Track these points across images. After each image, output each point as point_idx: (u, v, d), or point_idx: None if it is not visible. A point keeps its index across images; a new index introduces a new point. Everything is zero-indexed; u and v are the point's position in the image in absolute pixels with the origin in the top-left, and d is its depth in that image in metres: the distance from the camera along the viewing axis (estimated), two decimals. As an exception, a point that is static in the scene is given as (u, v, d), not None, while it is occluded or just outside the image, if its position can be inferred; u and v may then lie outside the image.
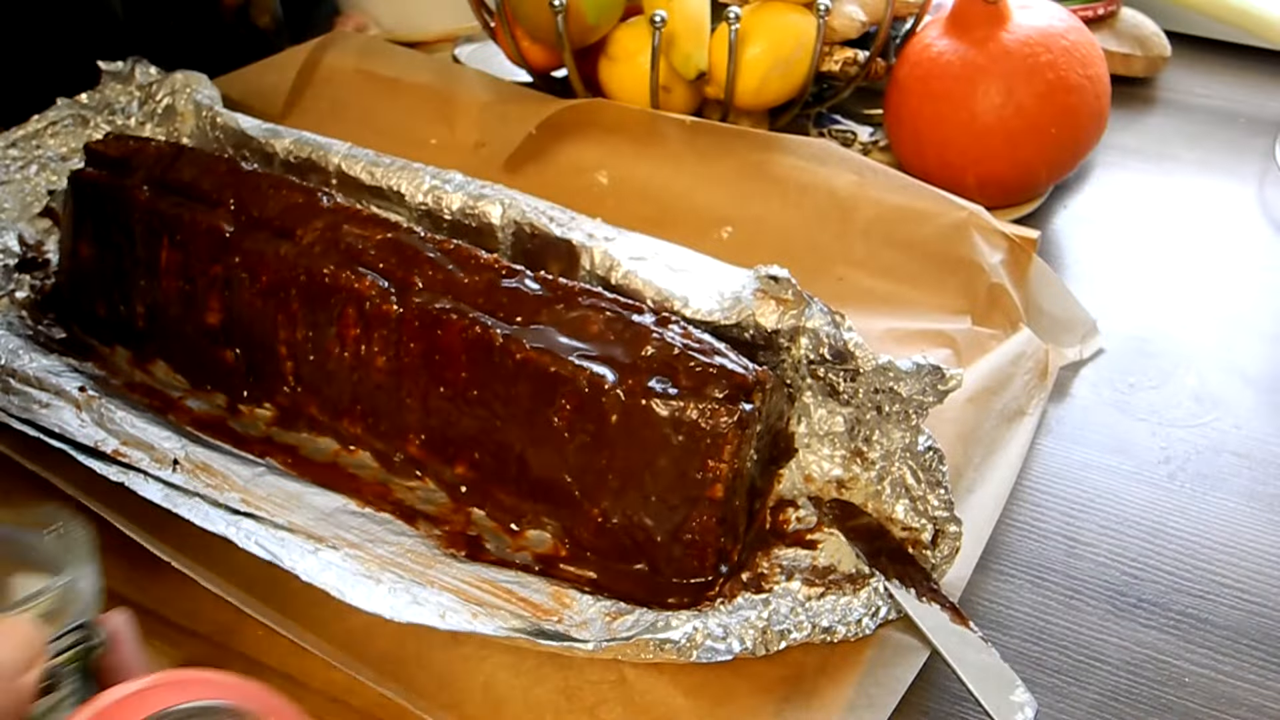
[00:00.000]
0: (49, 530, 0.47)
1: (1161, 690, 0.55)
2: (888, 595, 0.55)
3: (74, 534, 0.47)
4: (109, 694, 0.37)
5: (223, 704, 0.38)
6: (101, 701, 0.37)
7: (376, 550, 0.58)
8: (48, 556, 0.47)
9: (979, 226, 0.75)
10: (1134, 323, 0.78)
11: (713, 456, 0.55)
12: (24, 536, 0.47)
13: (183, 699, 0.38)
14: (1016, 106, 0.81)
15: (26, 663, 0.37)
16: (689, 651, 0.53)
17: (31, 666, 0.37)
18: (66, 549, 0.46)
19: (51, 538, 0.47)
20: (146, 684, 0.38)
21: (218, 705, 0.38)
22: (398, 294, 0.61)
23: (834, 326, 0.59)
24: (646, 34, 0.83)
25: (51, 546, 0.47)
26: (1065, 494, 0.66)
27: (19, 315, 0.73)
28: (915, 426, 0.58)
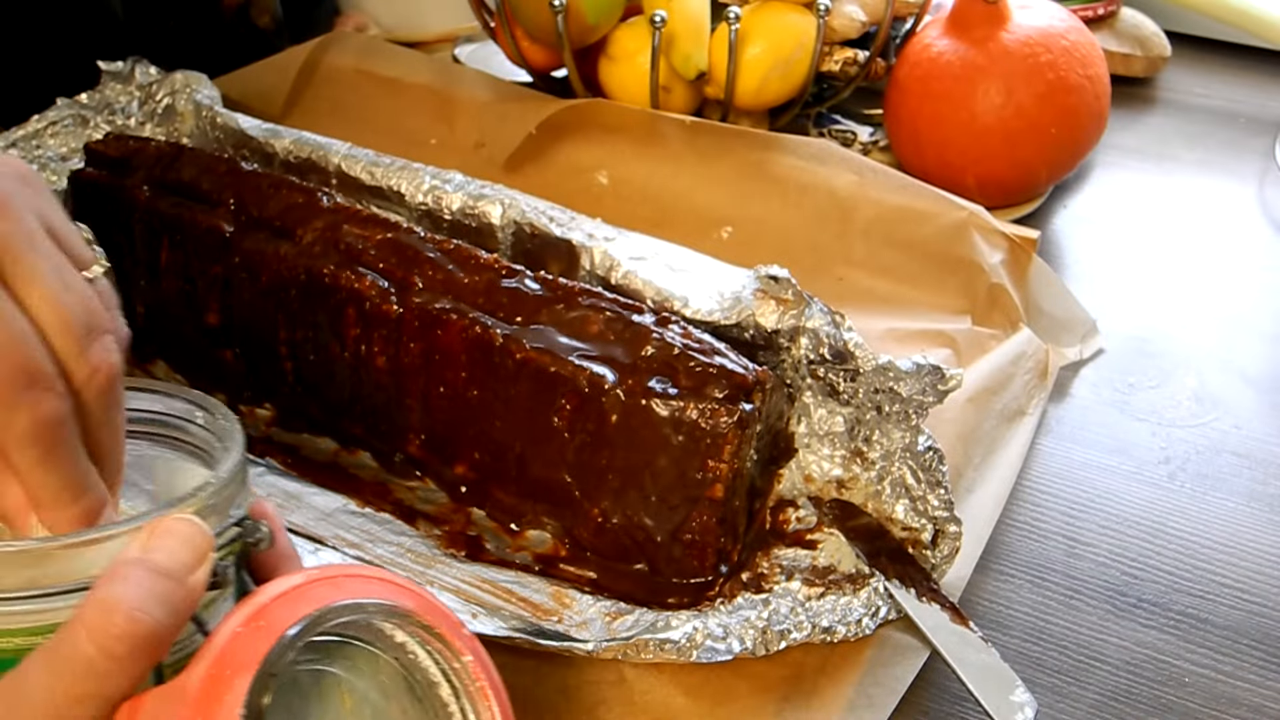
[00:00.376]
0: (198, 414, 0.45)
1: (1161, 690, 0.55)
2: (888, 595, 0.55)
3: (225, 421, 0.45)
4: (268, 589, 0.36)
5: (381, 602, 0.37)
6: (262, 597, 0.36)
7: (376, 550, 0.58)
8: (198, 441, 0.45)
9: (979, 226, 0.75)
10: (1134, 323, 0.78)
11: (713, 456, 0.55)
12: (172, 418, 0.46)
13: (339, 596, 0.36)
14: (1016, 106, 0.81)
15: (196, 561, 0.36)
16: (689, 651, 0.53)
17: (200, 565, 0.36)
18: (218, 436, 0.45)
19: (201, 422, 0.45)
20: (303, 579, 0.36)
21: (376, 603, 0.37)
22: (398, 294, 0.61)
23: (834, 326, 0.59)
24: (646, 34, 0.83)
25: (200, 432, 0.45)
26: (1065, 494, 0.66)
27: (19, 315, 0.73)
28: (915, 426, 0.58)
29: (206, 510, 0.40)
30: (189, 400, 0.46)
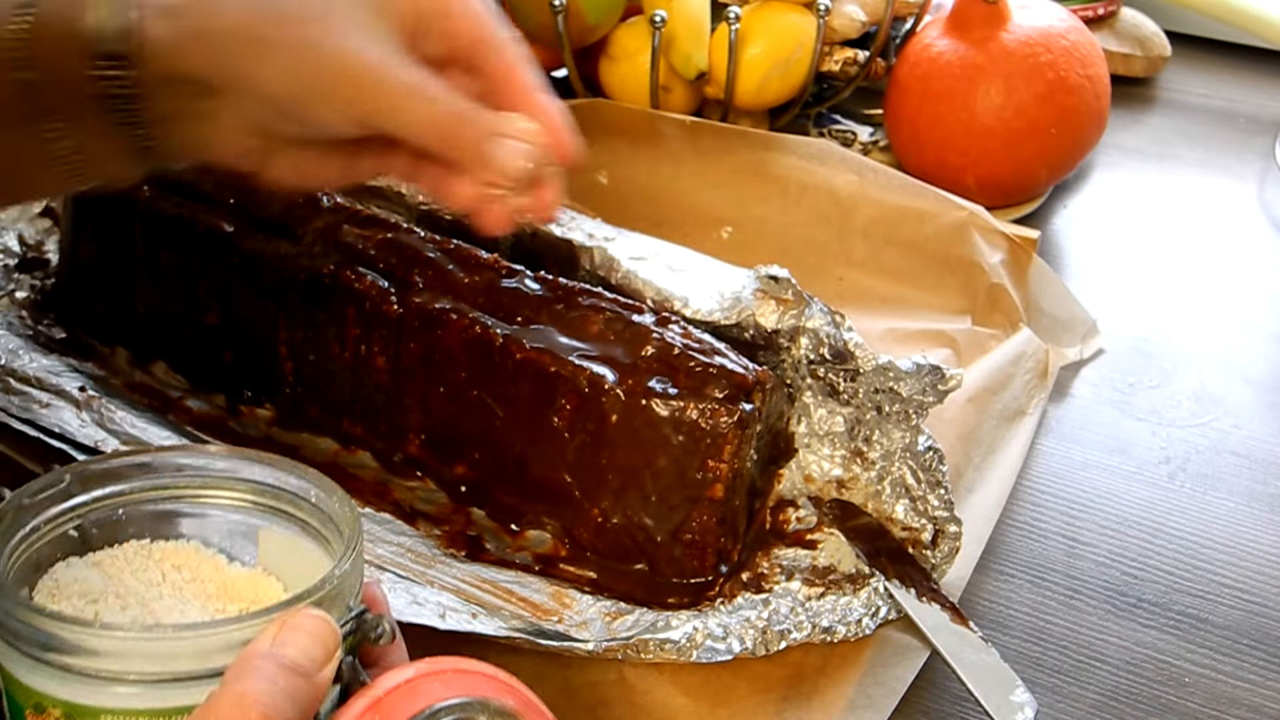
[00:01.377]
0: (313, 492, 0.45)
1: (1161, 690, 0.55)
2: (888, 595, 0.55)
3: (341, 505, 0.44)
4: (382, 683, 0.37)
5: (488, 701, 0.38)
6: (376, 691, 0.36)
7: (376, 550, 0.58)
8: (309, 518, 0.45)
9: (979, 226, 0.75)
10: (1134, 323, 0.78)
11: (713, 456, 0.55)
12: (285, 492, 0.46)
13: (449, 693, 0.37)
14: (1016, 106, 0.81)
15: (325, 658, 0.37)
16: (689, 651, 0.53)
17: (329, 661, 0.37)
18: (333, 519, 0.44)
19: (314, 500, 0.45)
20: (414, 674, 0.37)
21: (485, 701, 0.38)
22: (398, 294, 0.61)
23: (834, 326, 0.59)
24: (646, 34, 0.83)
25: (313, 513, 0.45)
26: (1065, 494, 0.66)
27: (19, 315, 0.73)
28: (915, 426, 0.58)
29: (329, 602, 0.40)
30: (304, 477, 0.46)
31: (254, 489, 0.46)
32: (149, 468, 0.46)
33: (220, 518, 0.46)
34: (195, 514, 0.46)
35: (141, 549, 0.45)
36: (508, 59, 0.48)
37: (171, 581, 0.44)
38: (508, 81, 0.48)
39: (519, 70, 0.48)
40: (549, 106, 0.48)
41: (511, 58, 0.48)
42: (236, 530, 0.46)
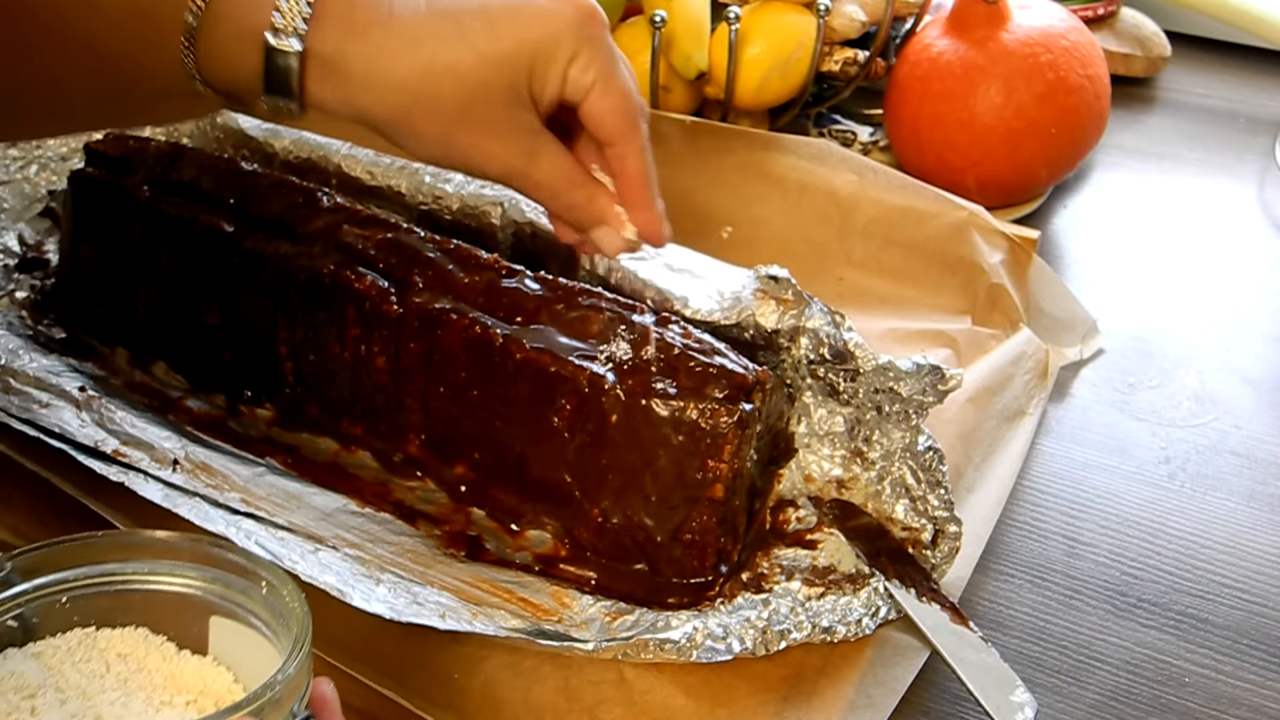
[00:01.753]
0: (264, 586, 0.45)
1: (1161, 690, 0.55)
2: (888, 595, 0.55)
3: (291, 601, 0.44)
4: None
5: None
6: None
7: (376, 550, 0.58)
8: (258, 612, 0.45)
9: (979, 226, 0.75)
10: (1134, 323, 0.78)
11: (713, 456, 0.55)
12: (236, 581, 0.45)
13: None
14: (1016, 106, 0.81)
15: None
16: (689, 651, 0.53)
17: None
18: (283, 614, 0.44)
19: (265, 594, 0.45)
20: None
21: None
22: (398, 294, 0.61)
23: (834, 326, 0.59)
24: (646, 34, 0.83)
25: (264, 603, 0.45)
26: (1065, 494, 0.66)
27: (19, 315, 0.73)
28: (915, 426, 0.58)
29: (271, 708, 0.39)
30: (257, 565, 0.45)
31: (204, 575, 0.46)
32: (95, 552, 0.45)
33: (170, 603, 0.45)
34: (144, 599, 0.45)
35: (86, 638, 0.44)
36: (632, 167, 0.55)
37: (116, 673, 0.43)
38: (627, 182, 0.55)
39: (640, 180, 0.55)
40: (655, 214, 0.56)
41: (636, 165, 0.55)
42: (186, 616, 0.45)
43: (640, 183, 0.55)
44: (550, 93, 0.53)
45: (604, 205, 0.55)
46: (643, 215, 0.55)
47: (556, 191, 0.54)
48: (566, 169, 0.54)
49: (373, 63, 0.50)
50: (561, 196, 0.55)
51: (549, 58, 0.52)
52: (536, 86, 0.52)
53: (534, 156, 0.53)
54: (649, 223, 0.55)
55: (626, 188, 0.55)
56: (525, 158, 0.53)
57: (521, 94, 0.52)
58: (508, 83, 0.51)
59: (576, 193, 0.55)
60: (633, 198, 0.55)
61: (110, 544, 0.45)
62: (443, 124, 0.52)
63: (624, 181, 0.55)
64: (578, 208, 0.55)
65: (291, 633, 0.42)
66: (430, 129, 0.52)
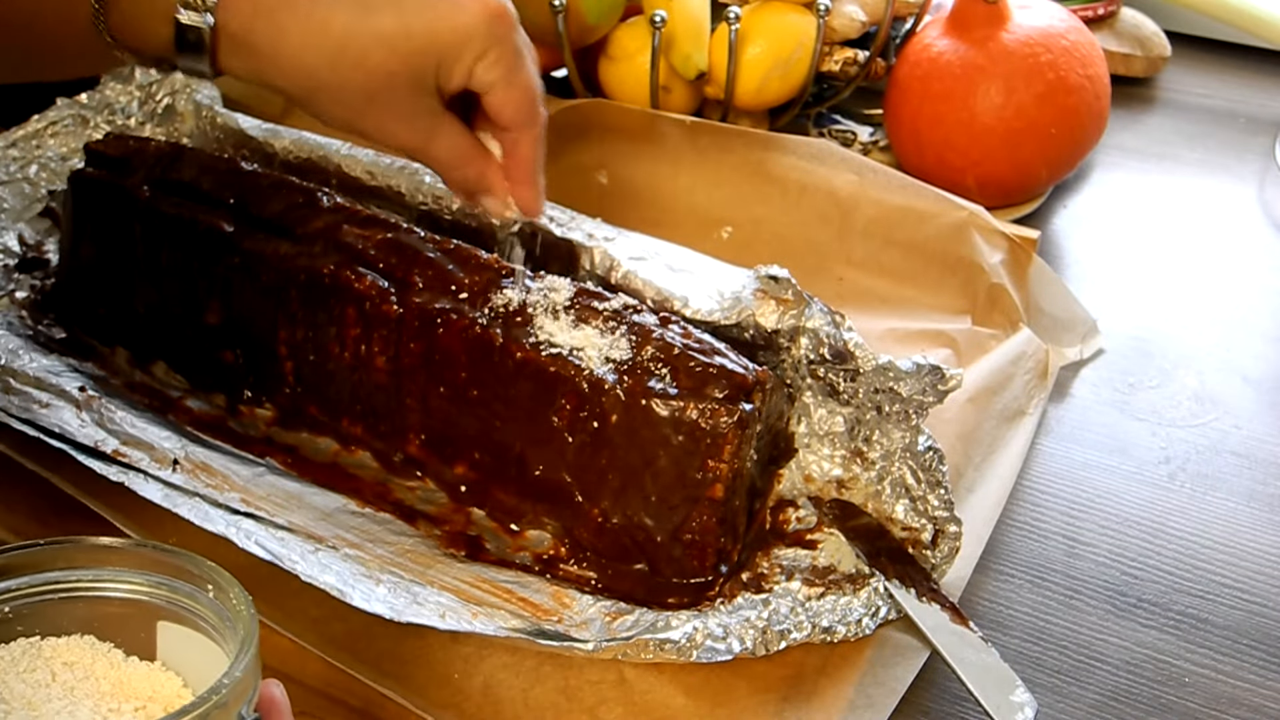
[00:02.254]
0: (210, 589, 0.45)
1: (1161, 690, 0.55)
2: (888, 595, 0.55)
3: (238, 603, 0.44)
4: None
5: None
6: None
7: (376, 550, 0.58)
8: (206, 616, 0.45)
9: (979, 226, 0.75)
10: (1134, 323, 0.78)
11: (713, 456, 0.55)
12: (182, 585, 0.45)
13: None
14: (1016, 106, 0.81)
15: None
16: (689, 651, 0.53)
17: None
18: (230, 617, 0.44)
19: (212, 597, 0.44)
20: None
21: None
22: (398, 294, 0.61)
23: (834, 326, 0.59)
24: (646, 34, 0.83)
25: (211, 606, 0.44)
26: (1065, 494, 0.66)
27: (19, 315, 0.73)
28: (915, 426, 0.58)
29: (217, 712, 0.39)
30: (201, 569, 0.45)
31: (150, 580, 0.45)
32: (38, 560, 0.45)
33: (116, 609, 0.45)
34: (89, 606, 0.45)
35: (31, 647, 0.44)
36: (523, 151, 0.59)
37: (62, 681, 0.43)
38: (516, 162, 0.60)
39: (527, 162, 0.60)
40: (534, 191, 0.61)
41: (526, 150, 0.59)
42: (133, 622, 0.45)
43: (527, 164, 0.60)
44: (455, 85, 0.56)
45: (492, 180, 0.60)
46: (523, 190, 0.60)
47: (451, 166, 0.59)
48: (462, 148, 0.59)
49: (280, 45, 0.53)
50: (455, 171, 0.59)
51: (456, 55, 0.55)
52: (443, 79, 0.56)
53: (433, 137, 0.58)
54: (527, 198, 0.61)
55: (514, 166, 0.60)
56: (425, 138, 0.58)
57: (427, 84, 0.56)
58: (414, 74, 0.55)
59: (469, 169, 0.59)
60: (517, 175, 0.60)
61: (54, 552, 0.45)
62: (348, 107, 0.56)
63: (513, 161, 0.60)
64: (469, 181, 0.60)
65: (239, 635, 0.42)
66: (336, 110, 0.56)
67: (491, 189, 0.60)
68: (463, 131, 0.59)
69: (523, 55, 0.57)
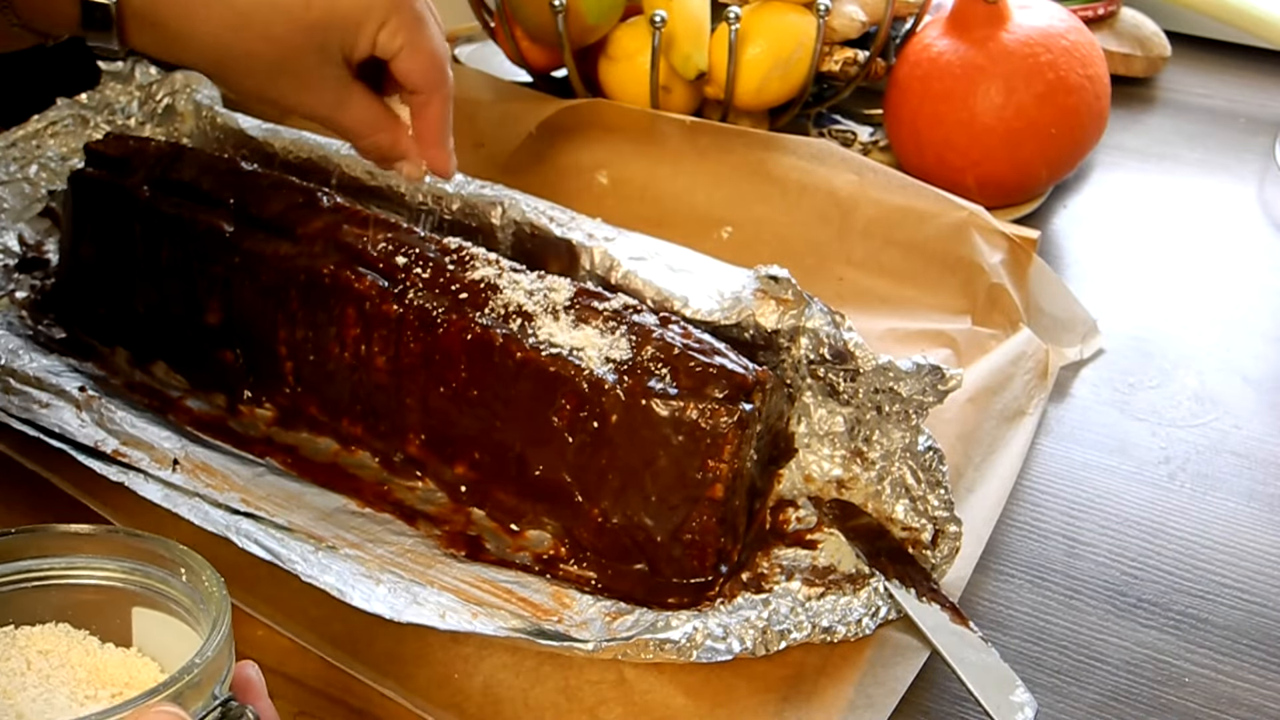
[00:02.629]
0: (183, 572, 0.44)
1: (1161, 690, 0.55)
2: (888, 595, 0.55)
3: (210, 585, 0.44)
4: None
5: None
6: None
7: (376, 550, 0.58)
8: (179, 600, 0.45)
9: (979, 226, 0.75)
10: (1134, 323, 0.78)
11: (713, 456, 0.55)
12: (155, 571, 0.45)
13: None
14: (1016, 106, 0.81)
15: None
16: (689, 651, 0.53)
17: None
18: (203, 599, 0.43)
19: (185, 580, 0.44)
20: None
21: None
22: (397, 294, 0.61)
23: (834, 326, 0.59)
24: (646, 34, 0.83)
25: (184, 590, 0.44)
26: (1065, 494, 0.66)
27: (19, 315, 0.73)
28: (915, 426, 0.58)
29: (189, 690, 0.39)
30: (173, 553, 0.45)
31: (123, 567, 0.45)
32: (10, 550, 0.45)
33: (90, 596, 0.45)
34: (63, 594, 0.45)
35: (4, 636, 0.44)
36: (432, 114, 0.62)
37: (38, 669, 0.43)
38: (425, 125, 0.62)
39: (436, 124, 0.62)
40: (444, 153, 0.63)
41: (435, 113, 0.62)
42: (107, 609, 0.45)
43: (436, 127, 0.62)
44: (360, 54, 0.58)
45: (404, 145, 0.62)
46: (433, 153, 0.63)
47: (361, 134, 0.62)
48: (372, 115, 0.61)
49: (186, 20, 0.54)
50: (366, 138, 0.62)
51: (359, 25, 0.57)
52: (347, 48, 0.58)
53: (342, 105, 0.60)
54: (437, 159, 0.63)
55: (423, 129, 0.62)
56: (334, 106, 0.60)
57: (332, 54, 0.57)
58: (319, 46, 0.57)
59: (379, 135, 0.62)
60: (426, 137, 0.62)
61: (25, 541, 0.45)
62: (256, 78, 0.58)
63: (422, 123, 0.62)
64: (381, 147, 0.62)
65: (211, 616, 0.42)
66: (245, 81, 0.58)
67: (404, 153, 0.62)
68: (372, 99, 0.61)
69: (425, 20, 0.59)
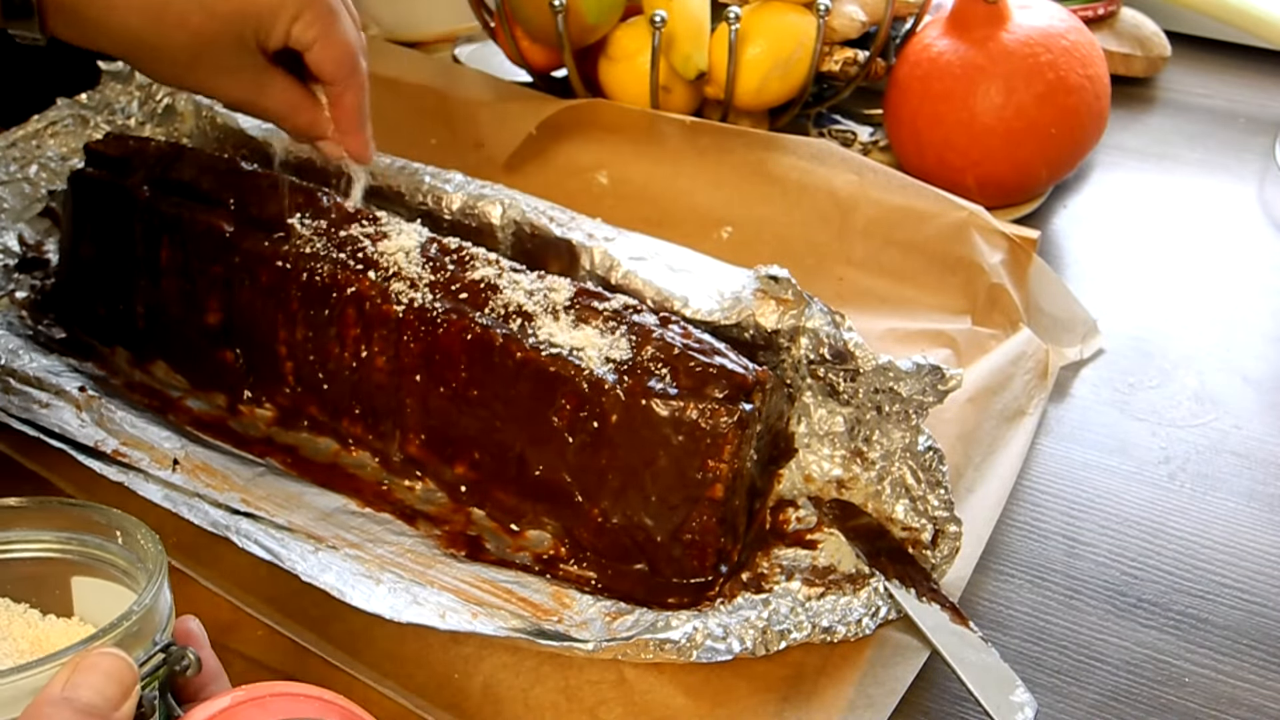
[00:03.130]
0: (116, 535, 0.45)
1: (1161, 690, 0.55)
2: (888, 595, 0.55)
3: (146, 542, 0.44)
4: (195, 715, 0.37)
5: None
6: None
7: (376, 550, 0.58)
8: (117, 564, 0.45)
9: (979, 226, 0.75)
10: (1134, 323, 0.78)
11: (713, 456, 0.55)
12: (90, 538, 0.45)
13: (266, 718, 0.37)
14: (1016, 106, 0.81)
15: (121, 696, 0.37)
16: (689, 651, 0.53)
17: (126, 699, 0.37)
18: (140, 558, 0.44)
19: (121, 544, 0.45)
20: (229, 702, 0.37)
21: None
22: (398, 294, 0.61)
23: (834, 326, 0.59)
24: (646, 34, 0.83)
25: (121, 553, 0.45)
26: (1065, 494, 0.66)
27: (19, 315, 0.73)
28: (915, 426, 0.58)
29: (129, 639, 0.39)
30: (107, 517, 0.45)
31: (59, 537, 0.45)
32: None
33: (28, 569, 0.45)
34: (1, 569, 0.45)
35: None
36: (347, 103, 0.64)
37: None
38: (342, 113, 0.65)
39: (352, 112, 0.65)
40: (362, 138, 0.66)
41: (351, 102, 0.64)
42: (47, 581, 0.45)
43: (351, 114, 0.65)
44: (274, 44, 0.61)
45: (322, 124, 0.65)
46: (351, 139, 0.66)
47: (283, 116, 0.64)
48: (292, 99, 0.64)
49: (104, 9, 0.57)
50: (288, 120, 0.65)
51: (273, 17, 0.60)
52: (262, 38, 0.60)
53: (261, 90, 0.63)
54: (356, 145, 0.66)
55: (340, 117, 0.65)
56: (253, 91, 0.63)
57: (248, 43, 0.60)
58: (234, 35, 0.59)
59: (300, 117, 0.64)
60: (344, 125, 0.65)
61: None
62: (175, 65, 0.60)
63: (339, 112, 0.65)
64: (302, 128, 0.65)
65: (147, 570, 0.43)
66: (163, 69, 0.61)
67: (323, 133, 0.65)
68: (291, 84, 0.63)
69: (337, 13, 0.62)
